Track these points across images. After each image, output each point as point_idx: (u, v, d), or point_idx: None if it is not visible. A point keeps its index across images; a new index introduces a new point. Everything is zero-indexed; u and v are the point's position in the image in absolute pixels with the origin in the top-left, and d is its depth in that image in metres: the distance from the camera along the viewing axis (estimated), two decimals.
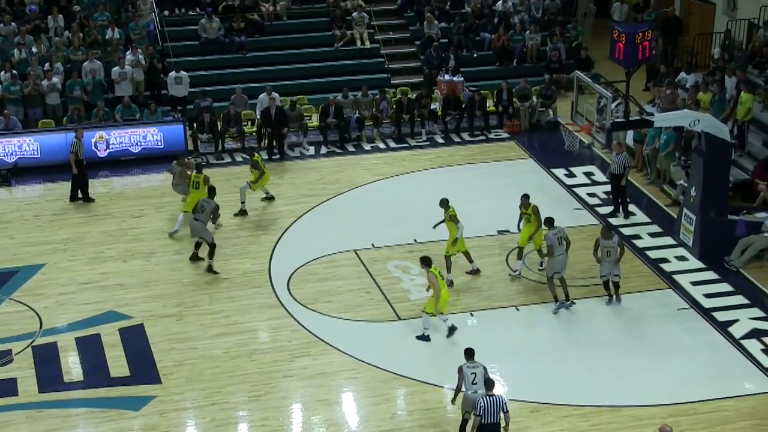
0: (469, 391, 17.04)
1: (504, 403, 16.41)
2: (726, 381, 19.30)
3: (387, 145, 29.40)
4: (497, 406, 16.35)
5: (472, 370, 17.10)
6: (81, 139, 26.06)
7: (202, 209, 22.60)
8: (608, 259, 21.15)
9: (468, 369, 17.12)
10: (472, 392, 17.00)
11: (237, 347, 20.23)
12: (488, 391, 16.52)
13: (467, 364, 17.19)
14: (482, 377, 16.99)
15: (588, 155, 28.71)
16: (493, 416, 16.35)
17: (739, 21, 30.85)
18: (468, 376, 17.05)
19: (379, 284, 22.31)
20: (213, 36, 31.93)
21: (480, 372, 17.07)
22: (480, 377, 17.00)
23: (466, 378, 17.05)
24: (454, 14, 33.73)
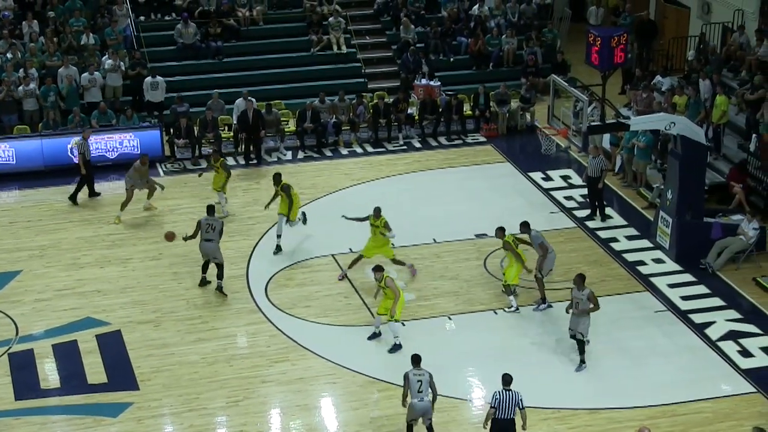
0: (415, 399, 17.02)
1: (520, 400, 16.52)
2: (703, 383, 19.39)
3: (364, 150, 29.39)
4: (513, 401, 16.43)
5: (418, 378, 17.05)
6: (87, 139, 26.24)
7: (212, 228, 21.84)
8: (575, 311, 19.56)
9: (414, 376, 17.06)
10: (418, 400, 17.01)
11: (215, 353, 20.17)
12: (505, 386, 16.55)
13: (413, 371, 17.13)
14: (428, 384, 16.99)
15: (565, 159, 28.79)
16: (508, 411, 16.42)
17: (714, 25, 31.00)
18: (414, 383, 17.02)
19: (357, 289, 22.30)
20: (189, 41, 31.85)
21: (425, 379, 17.04)
22: (425, 384, 16.98)
23: (412, 385, 17.01)
24: (431, 19, 33.75)
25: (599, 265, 23.41)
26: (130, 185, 25.35)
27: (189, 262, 23.33)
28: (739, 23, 29.94)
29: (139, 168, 25.37)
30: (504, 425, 16.54)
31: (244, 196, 26.53)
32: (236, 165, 28.26)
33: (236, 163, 28.41)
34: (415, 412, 17.07)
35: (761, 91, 26.75)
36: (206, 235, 21.88)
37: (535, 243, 21.49)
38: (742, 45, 29.20)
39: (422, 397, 16.97)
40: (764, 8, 29.34)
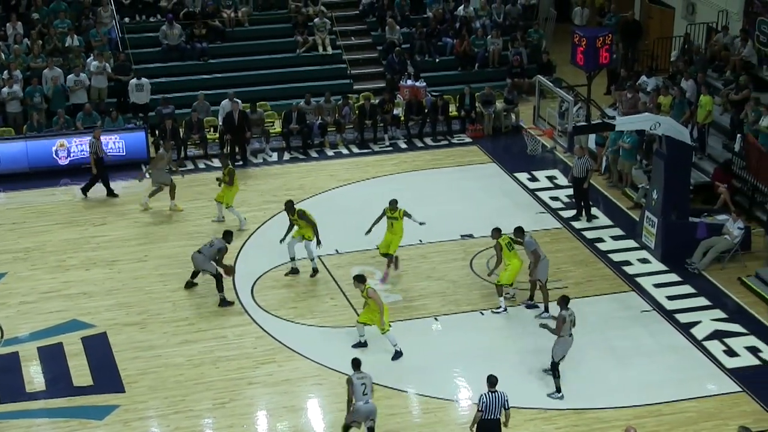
0: (361, 401, 17.09)
1: (506, 400, 16.61)
2: (689, 382, 19.44)
3: (350, 151, 29.38)
4: (499, 402, 16.53)
5: (361, 381, 17.13)
6: (99, 138, 26.28)
7: (210, 244, 21.61)
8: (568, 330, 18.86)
9: (358, 380, 17.14)
10: (363, 402, 17.08)
11: (201, 355, 20.13)
12: (490, 387, 16.62)
13: (356, 375, 17.21)
14: (371, 386, 17.11)
15: (550, 159, 28.84)
16: (494, 412, 16.51)
17: (698, 25, 31.09)
18: (358, 387, 17.08)
19: (343, 290, 22.29)
20: (174, 43, 31.78)
21: (368, 382, 17.15)
22: (369, 387, 17.08)
23: (357, 389, 17.08)
24: (416, 19, 33.76)
25: (585, 265, 23.45)
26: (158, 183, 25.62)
27: (175, 264, 23.29)
28: (723, 24, 30.03)
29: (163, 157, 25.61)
30: (490, 426, 16.62)
31: None
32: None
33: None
34: (360, 414, 17.16)
35: (745, 91, 26.86)
36: (202, 247, 21.71)
37: (529, 249, 21.41)
38: (727, 45, 29.29)
39: (367, 399, 17.11)
40: (748, 9, 29.43)
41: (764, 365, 19.99)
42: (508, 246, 21.23)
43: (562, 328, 18.67)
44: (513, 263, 21.26)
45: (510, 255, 21.21)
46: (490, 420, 16.59)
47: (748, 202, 25.18)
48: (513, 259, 21.24)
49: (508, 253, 21.20)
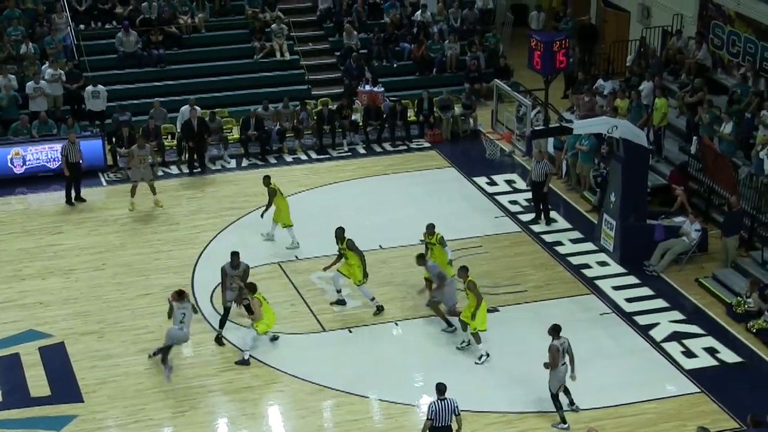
0: (176, 327, 19.30)
1: (455, 407, 16.58)
2: (648, 384, 19.56)
3: (309, 157, 29.32)
4: (449, 409, 16.51)
5: (181, 310, 19.21)
6: (73, 142, 26.28)
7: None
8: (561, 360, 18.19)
9: (178, 309, 19.22)
10: (178, 328, 19.30)
11: (160, 363, 19.98)
12: (439, 395, 16.61)
13: (177, 304, 19.25)
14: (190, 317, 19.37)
15: (509, 163, 28.91)
16: (445, 420, 16.49)
17: (654, 29, 31.33)
18: (178, 315, 19.21)
19: (303, 296, 22.24)
20: (130, 49, 31.59)
21: (189, 312, 19.34)
22: (188, 317, 19.30)
23: (176, 316, 19.23)
24: (373, 25, 33.78)
25: (544, 269, 23.54)
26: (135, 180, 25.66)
27: (133, 272, 23.17)
28: (678, 27, 30.28)
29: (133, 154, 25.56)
30: None
31: (188, 205, 26.36)
32: (180, 174, 28.10)
33: (180, 171, 28.23)
34: (172, 338, 19.30)
35: (700, 93, 27.08)
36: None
37: (433, 273, 20.91)
38: (681, 49, 29.54)
39: (183, 327, 19.25)
40: (702, 12, 29.69)
41: (722, 366, 20.16)
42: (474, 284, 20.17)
43: (558, 358, 18.04)
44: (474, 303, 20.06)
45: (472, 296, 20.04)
46: (440, 428, 16.57)
47: (705, 204, 25.38)
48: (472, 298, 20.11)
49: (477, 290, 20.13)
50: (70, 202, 26.44)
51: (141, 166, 25.69)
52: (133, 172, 25.82)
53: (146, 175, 25.82)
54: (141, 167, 25.70)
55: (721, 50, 28.88)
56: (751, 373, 20.00)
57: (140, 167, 25.69)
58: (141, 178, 25.71)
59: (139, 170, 25.70)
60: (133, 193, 25.76)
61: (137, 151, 25.75)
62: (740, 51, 28.12)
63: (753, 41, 27.57)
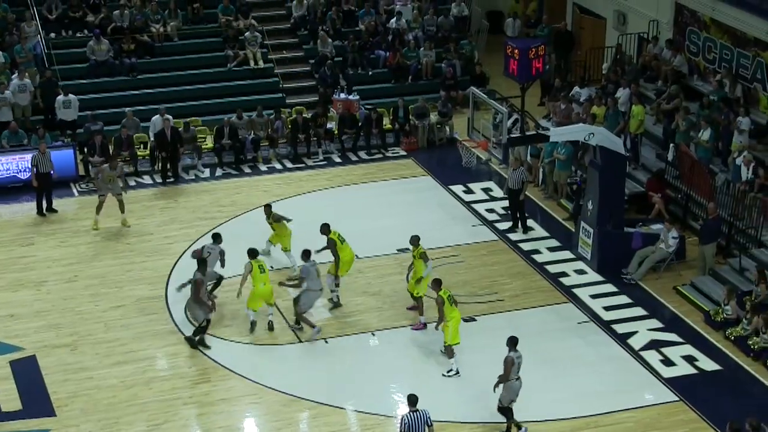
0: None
1: (428, 418, 16.61)
2: (627, 393, 19.65)
3: (283, 166, 29.30)
4: (421, 421, 16.55)
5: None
6: (44, 152, 26.12)
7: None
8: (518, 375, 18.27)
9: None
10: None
11: (134, 376, 19.95)
12: (411, 407, 16.63)
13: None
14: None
15: (485, 171, 29.00)
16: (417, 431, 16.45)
17: (630, 35, 31.51)
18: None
19: (279, 307, 22.21)
20: (102, 58, 31.50)
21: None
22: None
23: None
24: (348, 32, 33.83)
25: (522, 277, 23.61)
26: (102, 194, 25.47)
27: (105, 284, 23.10)
28: (654, 33, 30.47)
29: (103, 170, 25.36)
30: None
31: (162, 215, 26.30)
32: (153, 183, 28.04)
33: (153, 181, 28.17)
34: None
35: (676, 100, 27.25)
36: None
37: (303, 273, 21.12)
38: (657, 55, 29.73)
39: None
40: (678, 19, 29.89)
41: (701, 374, 20.27)
42: (449, 299, 20.04)
43: (511, 371, 18.05)
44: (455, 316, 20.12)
45: (450, 309, 20.00)
46: None
47: (682, 212, 25.52)
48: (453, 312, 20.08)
49: (449, 307, 20.00)
50: (42, 213, 26.34)
51: (109, 184, 25.53)
52: (101, 186, 25.62)
53: (114, 189, 25.65)
54: (108, 185, 25.54)
55: (698, 57, 29.08)
56: (729, 381, 20.12)
57: (108, 185, 25.53)
58: (109, 191, 25.54)
59: (107, 186, 25.53)
60: (99, 209, 25.53)
61: (108, 170, 25.55)
62: (716, 57, 28.32)
63: (729, 48, 27.78)
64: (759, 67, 26.81)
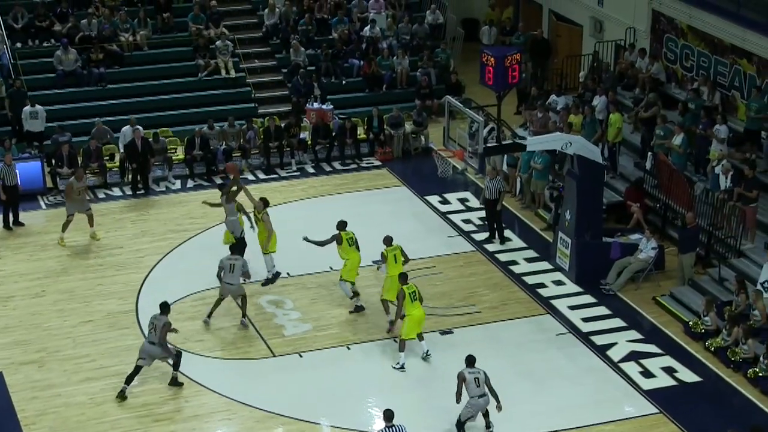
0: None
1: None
2: (606, 405, 19.70)
3: (256, 177, 29.26)
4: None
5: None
6: (9, 164, 25.99)
7: (153, 329, 19.74)
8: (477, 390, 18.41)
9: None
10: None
11: (104, 392, 19.85)
12: (387, 422, 16.67)
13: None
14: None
15: (462, 181, 29.06)
16: None
17: (607, 43, 31.67)
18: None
19: (251, 320, 22.17)
20: (70, 68, 31.41)
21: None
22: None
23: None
24: (321, 41, 33.85)
25: (499, 289, 23.65)
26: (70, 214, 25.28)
27: (74, 299, 23.00)
28: (631, 41, 30.63)
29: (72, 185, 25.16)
30: None
31: (132, 228, 26.22)
32: (123, 196, 27.95)
33: (123, 193, 28.08)
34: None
35: (654, 108, 27.39)
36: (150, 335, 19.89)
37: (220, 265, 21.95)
38: (634, 63, 29.89)
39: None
40: (655, 26, 30.07)
41: (681, 386, 20.35)
42: (410, 296, 20.53)
43: (464, 389, 18.28)
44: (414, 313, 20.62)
45: (411, 305, 20.53)
46: None
47: (661, 221, 25.64)
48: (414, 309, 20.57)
49: (410, 302, 20.53)
50: (8, 226, 26.18)
51: (78, 198, 25.43)
52: (70, 206, 25.44)
53: (83, 206, 25.51)
54: (78, 199, 25.44)
55: (675, 64, 29.26)
56: (710, 393, 20.21)
57: (78, 199, 25.42)
58: (77, 210, 25.43)
59: (76, 203, 25.42)
60: (66, 227, 25.44)
61: (76, 183, 25.42)
62: (694, 65, 28.51)
63: (706, 55, 27.96)
64: (737, 75, 27.01)
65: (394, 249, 21.98)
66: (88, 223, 25.47)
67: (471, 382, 18.26)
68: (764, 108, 25.57)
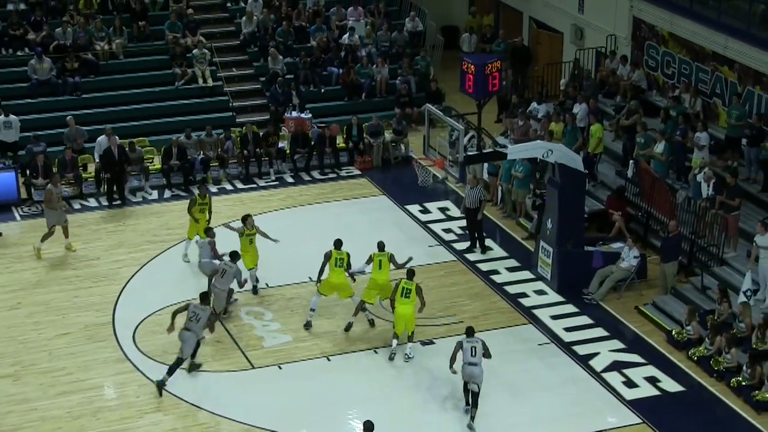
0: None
1: None
2: (589, 415, 19.76)
3: (234, 187, 29.24)
4: None
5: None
6: None
7: (196, 318, 20.28)
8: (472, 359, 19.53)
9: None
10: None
11: (81, 406, 19.80)
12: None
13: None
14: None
15: (442, 190, 29.12)
16: None
17: (587, 50, 31.81)
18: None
19: (230, 332, 22.15)
20: (44, 77, 31.35)
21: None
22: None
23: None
24: (299, 49, 33.88)
25: (480, 299, 23.70)
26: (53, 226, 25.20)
27: (50, 311, 22.93)
28: (612, 48, 30.77)
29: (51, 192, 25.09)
30: None
31: (108, 239, 26.16)
32: (99, 206, 27.89)
33: (99, 204, 28.02)
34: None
35: (635, 116, 27.52)
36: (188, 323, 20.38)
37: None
38: (614, 70, 30.04)
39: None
40: (635, 33, 30.23)
41: (664, 395, 20.43)
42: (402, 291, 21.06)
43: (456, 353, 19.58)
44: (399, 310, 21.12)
45: (399, 301, 21.05)
46: None
47: (643, 230, 25.74)
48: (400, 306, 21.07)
49: (399, 298, 21.08)
50: None
51: (59, 207, 25.32)
52: (51, 216, 25.30)
53: (62, 217, 25.44)
54: (59, 208, 25.33)
55: (656, 72, 29.42)
56: (693, 402, 20.30)
57: (57, 208, 25.31)
58: (58, 221, 25.35)
59: (57, 213, 25.29)
60: (46, 239, 25.32)
61: (54, 189, 25.36)
62: (675, 72, 28.67)
63: (688, 62, 28.13)
64: (718, 82, 27.19)
65: (382, 255, 22.12)
66: (63, 234, 25.40)
67: (467, 350, 19.36)
68: (745, 115, 25.76)
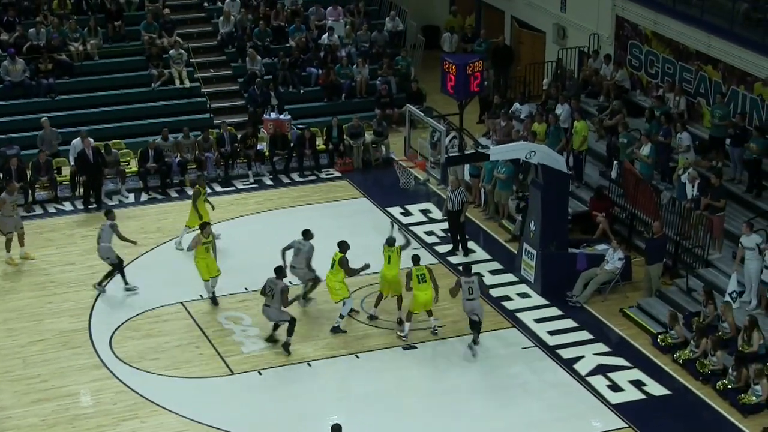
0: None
1: None
2: (574, 420, 19.80)
3: (212, 190, 29.15)
4: None
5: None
6: None
7: (271, 293, 21.35)
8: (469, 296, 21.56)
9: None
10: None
11: (56, 414, 19.73)
12: None
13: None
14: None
15: (424, 192, 29.13)
16: None
17: (570, 49, 31.88)
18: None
19: (209, 338, 22.11)
20: (17, 79, 31.24)
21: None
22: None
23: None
24: (278, 49, 33.85)
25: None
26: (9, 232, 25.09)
27: (24, 318, 22.84)
28: (595, 47, 30.85)
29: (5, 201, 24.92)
30: None
31: (84, 244, 26.05)
32: (74, 210, 27.80)
33: (74, 208, 27.93)
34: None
35: (619, 116, 27.60)
36: (266, 299, 21.55)
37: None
38: (597, 70, 30.12)
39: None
40: (619, 32, 30.33)
41: (649, 399, 20.48)
42: (418, 277, 21.88)
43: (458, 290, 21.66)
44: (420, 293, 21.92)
45: (418, 286, 21.85)
46: None
47: (627, 231, 25.80)
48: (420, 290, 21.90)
49: (417, 284, 21.81)
50: None
51: (14, 214, 25.21)
52: (6, 222, 25.17)
53: (18, 223, 25.30)
54: (14, 215, 25.22)
55: (640, 71, 29.52)
56: (678, 405, 20.36)
57: (13, 215, 25.19)
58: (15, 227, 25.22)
59: (13, 219, 25.16)
60: (9, 246, 25.18)
61: (8, 197, 25.19)
62: (659, 71, 28.77)
63: (671, 61, 28.24)
64: (702, 81, 27.29)
65: (391, 250, 22.69)
66: (18, 242, 25.22)
67: (465, 289, 21.42)
68: (728, 115, 25.87)
